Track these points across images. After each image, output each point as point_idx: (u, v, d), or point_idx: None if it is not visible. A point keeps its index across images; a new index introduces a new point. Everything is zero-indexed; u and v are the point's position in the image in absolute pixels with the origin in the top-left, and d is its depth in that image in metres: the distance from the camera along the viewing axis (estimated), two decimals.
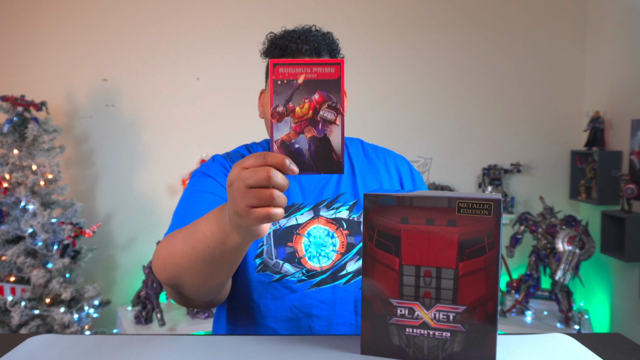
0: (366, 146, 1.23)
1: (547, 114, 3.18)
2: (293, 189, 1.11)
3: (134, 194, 3.06)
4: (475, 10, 3.17)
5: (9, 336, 0.94)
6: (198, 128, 3.06)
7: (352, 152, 1.20)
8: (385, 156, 1.21)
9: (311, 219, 1.08)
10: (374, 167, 1.17)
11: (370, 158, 1.19)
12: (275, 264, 1.05)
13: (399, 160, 1.21)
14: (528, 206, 3.18)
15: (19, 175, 2.52)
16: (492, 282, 0.75)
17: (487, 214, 0.74)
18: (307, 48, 1.02)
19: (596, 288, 3.01)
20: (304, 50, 1.02)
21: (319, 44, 1.04)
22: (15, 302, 2.47)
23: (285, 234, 1.07)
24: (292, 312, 1.05)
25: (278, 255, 1.06)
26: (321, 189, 1.12)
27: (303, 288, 1.05)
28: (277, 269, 1.05)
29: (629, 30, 2.74)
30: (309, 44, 1.03)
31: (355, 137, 1.27)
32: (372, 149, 1.23)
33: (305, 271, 1.05)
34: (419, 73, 3.17)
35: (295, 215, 1.08)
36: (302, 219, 1.08)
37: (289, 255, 1.06)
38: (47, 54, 2.97)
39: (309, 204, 1.09)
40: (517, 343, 0.86)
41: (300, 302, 1.05)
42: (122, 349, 0.85)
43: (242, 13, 3.06)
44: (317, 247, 1.06)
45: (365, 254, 0.81)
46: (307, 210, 1.09)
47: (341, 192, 1.12)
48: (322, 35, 1.07)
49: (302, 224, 1.08)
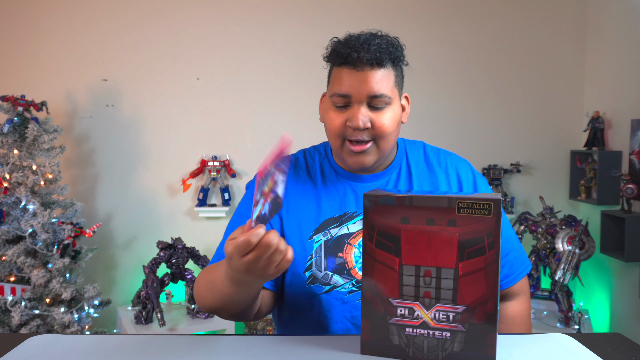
0: (428, 150, 1.19)
1: (547, 114, 3.18)
2: (347, 197, 1.09)
3: (134, 194, 3.06)
4: (475, 10, 3.16)
5: (9, 336, 0.94)
6: (198, 128, 3.06)
7: (411, 158, 1.16)
8: (447, 161, 1.16)
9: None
10: (433, 174, 1.14)
11: (431, 164, 1.15)
12: (324, 276, 1.04)
13: (460, 165, 1.17)
14: (528, 206, 3.18)
15: (19, 175, 2.52)
16: (492, 282, 0.75)
17: (487, 214, 0.74)
18: (368, 58, 0.98)
19: (596, 288, 3.01)
20: (364, 60, 0.98)
21: (381, 52, 1.00)
22: (16, 302, 2.47)
23: (336, 244, 1.05)
24: (343, 323, 1.04)
25: (328, 267, 1.04)
26: None
27: (354, 299, 1.03)
28: (327, 280, 1.04)
29: (629, 30, 2.74)
30: (370, 53, 0.99)
31: (418, 140, 1.22)
32: (434, 153, 1.18)
33: (356, 282, 1.03)
34: (418, 73, 3.16)
35: (348, 224, 1.06)
36: (353, 228, 1.06)
37: (338, 266, 1.04)
38: (47, 54, 2.97)
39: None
40: (517, 343, 0.86)
41: (351, 313, 1.04)
42: (122, 349, 0.85)
43: (242, 13, 3.06)
44: None
45: (365, 254, 0.81)
46: (360, 220, 1.06)
47: None
48: (387, 42, 1.02)
49: (354, 234, 1.05)
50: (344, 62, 1.00)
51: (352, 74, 1.00)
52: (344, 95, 1.01)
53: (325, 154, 1.15)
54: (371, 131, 1.02)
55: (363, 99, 1.00)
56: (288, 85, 3.09)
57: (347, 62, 1.00)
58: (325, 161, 1.14)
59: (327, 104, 1.06)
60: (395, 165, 1.13)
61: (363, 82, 0.99)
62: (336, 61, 1.02)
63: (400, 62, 1.08)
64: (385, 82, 1.01)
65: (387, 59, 1.02)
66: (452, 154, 1.21)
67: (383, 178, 1.12)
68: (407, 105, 1.15)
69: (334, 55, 1.02)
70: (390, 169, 1.12)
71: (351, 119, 1.01)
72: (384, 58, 1.00)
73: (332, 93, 1.03)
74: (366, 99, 1.00)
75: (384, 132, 1.02)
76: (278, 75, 3.08)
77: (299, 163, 1.15)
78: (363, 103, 1.01)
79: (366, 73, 0.99)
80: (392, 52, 1.03)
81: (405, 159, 1.15)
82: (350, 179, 1.11)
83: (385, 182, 1.11)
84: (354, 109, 1.01)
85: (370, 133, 1.02)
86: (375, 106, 1.01)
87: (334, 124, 1.03)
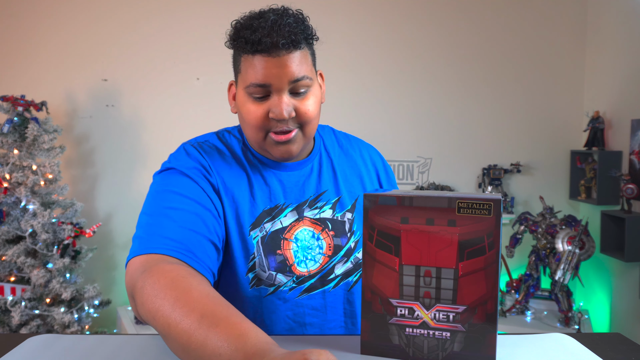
0: (339, 135, 1.14)
1: (547, 114, 3.18)
2: (275, 188, 1.02)
3: (134, 194, 3.06)
4: (475, 10, 3.16)
5: (9, 336, 0.94)
6: (198, 128, 3.05)
7: (327, 143, 1.11)
8: (360, 147, 1.14)
9: (295, 221, 1.01)
10: (351, 160, 1.11)
11: (346, 149, 1.12)
12: (268, 276, 0.97)
13: (371, 151, 1.16)
14: (528, 206, 3.18)
15: (19, 175, 2.52)
16: (492, 282, 0.75)
17: (487, 214, 0.74)
18: (284, 42, 0.89)
19: (596, 288, 3.01)
20: (280, 44, 0.88)
21: (295, 33, 0.90)
22: (16, 302, 2.47)
23: (272, 241, 0.98)
24: (286, 322, 0.99)
25: (270, 266, 0.97)
26: (302, 187, 1.04)
27: (294, 296, 0.99)
28: (271, 281, 0.97)
29: (629, 30, 2.74)
30: (284, 36, 0.89)
31: (325, 125, 1.16)
32: (344, 138, 1.14)
33: (296, 278, 0.99)
34: (419, 73, 3.17)
35: (280, 217, 1.00)
36: (286, 221, 1.00)
37: (280, 264, 0.98)
38: (47, 54, 2.97)
39: (291, 203, 1.02)
40: (517, 343, 0.86)
41: (293, 311, 0.99)
42: (122, 349, 0.85)
43: (242, 13, 3.06)
44: (303, 251, 1.00)
45: (365, 254, 0.81)
46: (291, 211, 1.01)
47: (323, 190, 1.05)
48: (295, 19, 0.92)
49: (287, 227, 1.00)
50: (257, 50, 0.90)
51: (268, 60, 0.90)
52: (263, 84, 0.91)
53: (243, 141, 1.05)
54: (296, 119, 0.95)
55: (284, 86, 0.91)
56: None
57: (260, 49, 0.89)
58: (246, 149, 1.04)
59: (242, 96, 0.96)
60: (316, 151, 1.08)
61: (282, 68, 0.90)
62: (246, 48, 0.91)
63: (312, 39, 0.97)
64: (304, 63, 0.93)
65: (301, 38, 0.92)
66: (359, 140, 1.18)
67: (307, 165, 1.06)
68: (322, 83, 1.05)
69: (242, 43, 0.91)
70: (312, 156, 1.07)
71: (274, 109, 0.92)
72: (299, 39, 0.91)
73: (247, 84, 0.93)
74: (287, 86, 0.92)
75: (309, 117, 0.95)
76: None
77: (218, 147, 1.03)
78: (284, 91, 0.92)
79: (283, 58, 0.90)
80: (304, 29, 0.93)
81: (323, 144, 1.11)
82: (274, 167, 1.03)
83: (310, 169, 1.06)
84: (274, 99, 0.92)
85: (294, 121, 0.95)
86: (296, 91, 0.94)
87: (255, 116, 0.94)
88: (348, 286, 1.02)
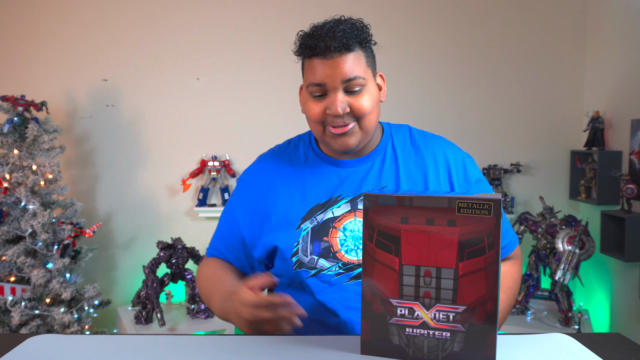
0: (414, 133, 1.19)
1: (547, 114, 3.18)
2: (332, 182, 1.11)
3: (134, 194, 3.06)
4: (475, 10, 3.16)
5: (9, 336, 0.94)
6: (198, 128, 3.06)
7: (396, 141, 1.17)
8: (435, 145, 1.16)
9: (347, 212, 1.08)
10: (420, 157, 1.14)
11: (418, 147, 1.16)
12: (310, 260, 1.07)
13: (448, 149, 1.16)
14: (528, 206, 3.18)
15: (19, 175, 2.52)
16: (492, 282, 0.75)
17: (487, 214, 0.74)
18: (336, 45, 1.01)
19: (596, 288, 3.01)
20: (332, 47, 1.00)
21: (347, 37, 1.02)
22: (15, 302, 2.47)
23: (321, 228, 1.07)
24: (332, 304, 1.06)
25: (313, 251, 1.07)
26: (360, 182, 1.11)
27: (341, 281, 1.06)
28: (313, 265, 1.07)
29: (628, 30, 2.74)
30: (336, 40, 1.01)
31: (403, 124, 1.23)
32: (420, 136, 1.19)
33: (342, 264, 1.06)
34: (418, 73, 3.17)
35: (332, 208, 1.09)
36: (338, 212, 1.08)
37: (324, 250, 1.06)
38: (47, 54, 2.97)
39: (347, 196, 1.09)
40: (517, 343, 0.86)
41: (340, 294, 1.06)
42: (122, 349, 0.85)
43: (242, 13, 3.06)
44: (354, 240, 1.07)
45: (365, 254, 0.81)
46: (345, 203, 1.09)
47: (383, 186, 1.11)
48: (351, 26, 1.05)
49: (338, 217, 1.08)
50: (313, 54, 1.03)
51: (323, 62, 1.02)
52: (319, 84, 1.03)
53: (310, 142, 1.19)
54: (351, 114, 1.04)
55: (338, 85, 1.02)
56: (288, 84, 3.09)
57: (317, 53, 1.02)
58: (310, 149, 1.17)
59: (305, 95, 1.08)
60: (380, 149, 1.15)
61: (335, 68, 1.02)
62: (306, 53, 1.04)
63: (368, 43, 1.09)
64: (357, 64, 1.04)
65: (354, 42, 1.03)
66: (440, 137, 1.20)
67: (367, 162, 1.13)
68: (383, 84, 1.16)
69: (303, 48, 1.05)
70: (374, 153, 1.14)
71: (330, 106, 1.03)
72: (350, 42, 1.02)
73: (307, 84, 1.06)
74: (341, 85, 1.03)
75: (363, 112, 1.04)
76: (278, 75, 3.08)
77: (283, 153, 1.19)
78: (338, 89, 1.03)
79: (336, 60, 1.02)
80: (358, 34, 1.05)
81: (391, 142, 1.16)
82: (334, 164, 1.13)
83: (370, 165, 1.13)
84: (331, 97, 1.03)
85: (350, 116, 1.05)
86: (351, 90, 1.04)
87: (314, 112, 1.05)
88: None
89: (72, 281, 2.61)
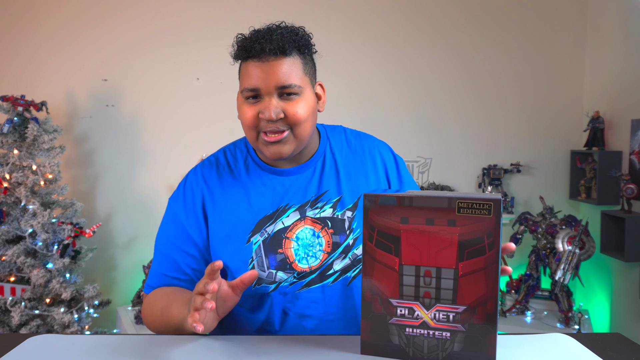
0: (349, 134, 1.18)
1: (547, 114, 3.18)
2: (277, 192, 1.08)
3: (134, 194, 3.05)
4: (475, 10, 3.16)
5: (9, 336, 0.94)
6: (198, 128, 3.06)
7: (334, 144, 1.15)
8: (370, 145, 1.17)
9: (297, 221, 1.06)
10: (357, 159, 1.14)
11: (354, 149, 1.15)
12: (268, 275, 1.04)
13: (382, 149, 1.18)
14: (528, 206, 3.18)
15: (19, 175, 2.52)
16: (492, 282, 0.75)
17: (487, 214, 0.74)
18: (271, 47, 0.97)
19: (596, 288, 3.01)
20: (267, 50, 0.97)
21: (284, 41, 0.98)
22: (15, 302, 2.47)
23: (274, 240, 1.05)
24: (287, 314, 1.05)
25: (270, 265, 1.04)
26: (305, 188, 1.09)
27: (294, 289, 1.04)
28: (272, 279, 1.04)
29: (628, 30, 2.74)
30: (273, 42, 0.97)
31: (337, 125, 1.21)
32: (355, 137, 1.18)
33: (297, 274, 1.04)
34: (419, 73, 3.17)
35: (282, 218, 1.06)
36: (288, 222, 1.06)
37: (280, 262, 1.04)
38: (47, 54, 2.97)
39: (294, 204, 1.07)
40: (517, 343, 0.86)
41: (293, 303, 1.05)
42: (122, 349, 0.85)
43: (242, 13, 3.06)
44: (304, 248, 1.05)
45: (365, 254, 0.81)
46: (293, 211, 1.07)
47: (325, 190, 1.09)
48: (290, 31, 1.01)
49: (289, 227, 1.06)
50: (249, 56, 0.99)
51: (258, 66, 0.99)
52: (253, 88, 1.00)
53: (248, 150, 1.14)
54: (285, 120, 1.00)
55: (272, 90, 0.99)
56: None
57: (252, 55, 0.99)
58: (249, 158, 1.12)
59: (239, 100, 1.04)
60: (319, 153, 1.13)
61: (269, 72, 0.98)
62: (242, 55, 1.01)
63: (308, 50, 1.04)
64: (293, 71, 1.00)
65: (292, 47, 1.00)
66: (372, 137, 1.20)
67: (309, 168, 1.11)
68: (322, 94, 1.11)
69: (239, 51, 1.01)
70: (314, 158, 1.12)
71: (263, 110, 0.99)
72: (287, 46, 0.98)
73: (242, 88, 1.02)
74: (275, 90, 0.99)
75: (298, 119, 1.00)
76: None
77: (220, 164, 1.13)
78: (273, 94, 0.99)
79: (272, 63, 0.98)
80: (296, 40, 1.01)
81: (329, 145, 1.15)
82: (276, 173, 1.10)
83: (312, 172, 1.11)
84: (265, 101, 1.00)
85: (284, 122, 1.01)
86: (286, 96, 1.00)
87: (247, 116, 1.01)
88: (347, 281, 1.06)
89: (72, 281, 2.61)
